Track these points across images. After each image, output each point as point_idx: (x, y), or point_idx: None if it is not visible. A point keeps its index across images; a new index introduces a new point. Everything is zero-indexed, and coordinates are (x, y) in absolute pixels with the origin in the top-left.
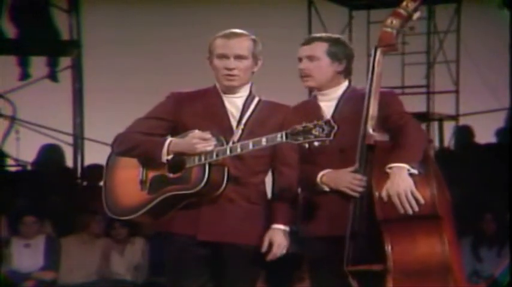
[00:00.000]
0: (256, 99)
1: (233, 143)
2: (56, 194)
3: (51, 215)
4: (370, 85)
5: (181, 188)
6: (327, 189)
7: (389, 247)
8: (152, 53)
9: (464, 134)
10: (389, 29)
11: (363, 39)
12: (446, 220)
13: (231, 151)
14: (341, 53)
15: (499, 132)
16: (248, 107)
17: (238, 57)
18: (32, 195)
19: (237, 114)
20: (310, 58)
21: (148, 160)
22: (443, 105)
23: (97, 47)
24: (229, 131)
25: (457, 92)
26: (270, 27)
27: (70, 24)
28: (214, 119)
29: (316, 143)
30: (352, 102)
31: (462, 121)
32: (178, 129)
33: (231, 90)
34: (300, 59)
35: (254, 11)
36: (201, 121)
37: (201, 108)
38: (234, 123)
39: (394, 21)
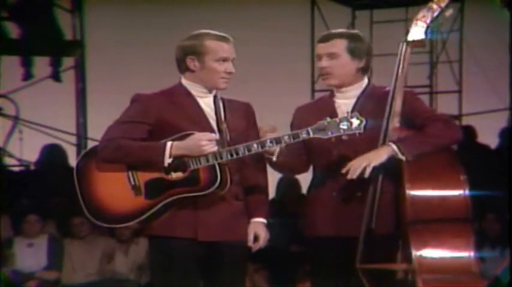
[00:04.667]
0: (219, 97)
1: (227, 141)
2: (59, 194)
3: (54, 215)
4: (395, 81)
5: (191, 190)
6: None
7: (415, 249)
8: (155, 53)
9: (467, 134)
10: (419, 24)
11: (366, 39)
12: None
13: (249, 150)
14: (361, 49)
15: (503, 133)
16: (219, 106)
17: (232, 60)
18: (35, 195)
19: (212, 114)
20: (331, 56)
21: (143, 165)
22: (446, 105)
23: (100, 47)
24: (210, 130)
25: (460, 92)
26: (273, 27)
27: (73, 24)
28: (194, 119)
29: (344, 137)
30: (373, 100)
31: (465, 121)
32: (156, 132)
33: (213, 91)
34: (319, 57)
35: (256, 11)
36: (182, 122)
37: (177, 109)
38: (212, 123)
39: (426, 16)
